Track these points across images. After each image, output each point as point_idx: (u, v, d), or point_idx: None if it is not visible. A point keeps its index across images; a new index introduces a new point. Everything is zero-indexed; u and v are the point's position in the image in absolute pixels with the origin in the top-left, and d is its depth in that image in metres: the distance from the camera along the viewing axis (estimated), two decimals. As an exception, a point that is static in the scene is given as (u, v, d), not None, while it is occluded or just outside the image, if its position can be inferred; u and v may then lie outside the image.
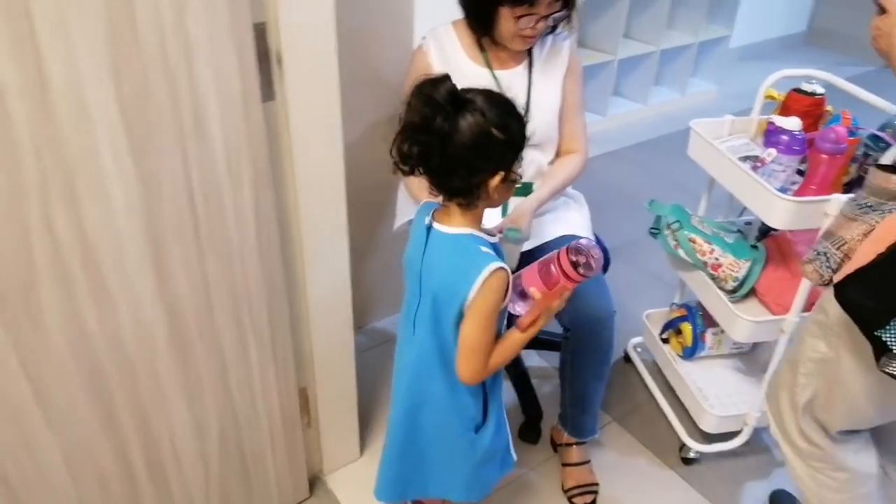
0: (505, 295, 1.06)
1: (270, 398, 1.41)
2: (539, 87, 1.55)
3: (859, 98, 1.53)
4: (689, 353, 1.89)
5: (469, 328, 1.06)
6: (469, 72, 1.52)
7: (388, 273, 2.07)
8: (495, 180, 1.03)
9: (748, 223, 1.83)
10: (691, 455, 1.78)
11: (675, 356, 1.91)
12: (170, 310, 1.16)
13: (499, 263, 1.04)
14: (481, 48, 1.54)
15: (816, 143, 1.43)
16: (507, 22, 1.42)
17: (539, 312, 1.09)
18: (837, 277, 1.05)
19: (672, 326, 1.92)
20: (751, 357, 1.95)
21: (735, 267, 1.63)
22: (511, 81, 1.53)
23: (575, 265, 1.05)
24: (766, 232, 1.75)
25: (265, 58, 1.15)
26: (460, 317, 1.07)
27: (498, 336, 1.11)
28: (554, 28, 1.52)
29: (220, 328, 1.25)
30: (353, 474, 1.72)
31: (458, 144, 0.98)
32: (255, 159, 1.16)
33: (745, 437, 1.73)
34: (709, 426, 1.74)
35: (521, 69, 1.55)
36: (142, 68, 0.97)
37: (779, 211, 1.41)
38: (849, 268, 1.03)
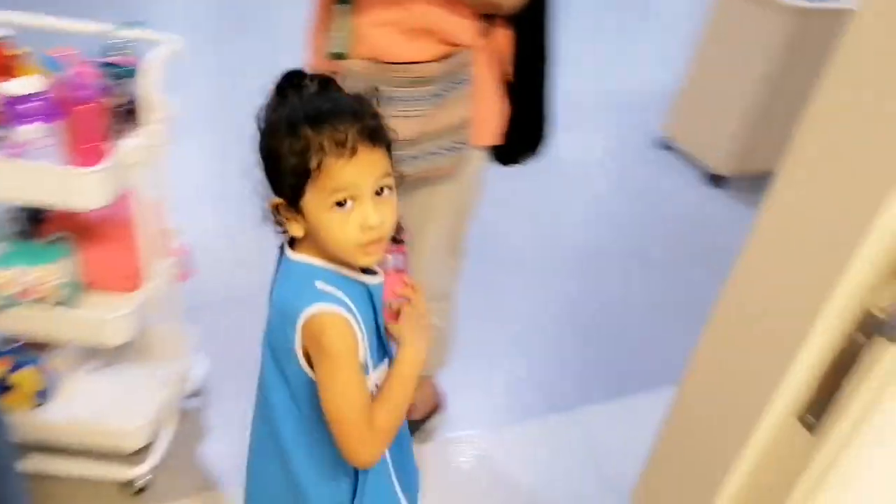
0: (355, 344, 0.83)
1: None
2: None
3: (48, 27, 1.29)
4: (48, 393, 1.48)
5: (324, 395, 0.82)
6: None
7: None
8: None
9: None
10: (143, 482, 1.50)
11: (32, 412, 1.46)
12: None
13: (326, 306, 0.80)
14: None
15: (68, 96, 1.17)
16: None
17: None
18: None
19: (1, 392, 1.43)
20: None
21: (50, 275, 1.31)
22: None
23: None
24: (34, 219, 1.42)
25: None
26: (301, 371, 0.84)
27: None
28: None
29: None
30: None
31: None
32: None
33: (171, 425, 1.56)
34: (137, 441, 1.47)
35: None
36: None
37: (92, 187, 1.17)
38: None
